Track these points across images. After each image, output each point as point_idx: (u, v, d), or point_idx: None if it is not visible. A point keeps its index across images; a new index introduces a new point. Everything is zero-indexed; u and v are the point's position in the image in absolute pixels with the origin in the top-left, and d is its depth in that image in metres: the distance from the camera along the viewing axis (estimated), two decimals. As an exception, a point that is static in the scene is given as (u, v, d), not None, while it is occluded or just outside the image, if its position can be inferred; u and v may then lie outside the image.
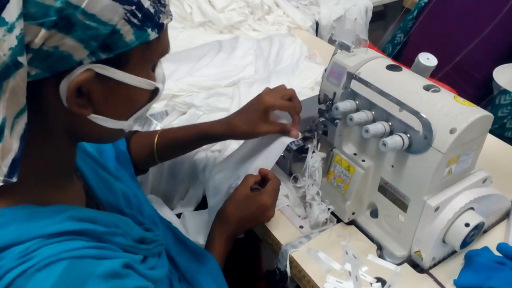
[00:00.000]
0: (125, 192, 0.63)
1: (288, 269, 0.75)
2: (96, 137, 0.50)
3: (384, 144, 0.64)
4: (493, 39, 1.50)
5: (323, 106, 0.81)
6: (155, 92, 0.51)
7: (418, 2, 1.74)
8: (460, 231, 0.67)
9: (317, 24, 1.74)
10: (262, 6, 1.56)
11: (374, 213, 0.78)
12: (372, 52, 0.76)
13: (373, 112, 0.70)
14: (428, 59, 0.81)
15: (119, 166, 0.74)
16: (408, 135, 0.65)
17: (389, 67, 0.73)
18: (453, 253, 0.74)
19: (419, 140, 0.64)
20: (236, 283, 0.80)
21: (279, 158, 0.81)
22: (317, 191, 0.79)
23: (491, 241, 0.74)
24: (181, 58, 1.23)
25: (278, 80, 1.14)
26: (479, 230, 0.70)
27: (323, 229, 0.79)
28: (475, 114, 0.63)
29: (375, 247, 0.76)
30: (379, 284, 0.69)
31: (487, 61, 1.49)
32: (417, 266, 0.73)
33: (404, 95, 0.67)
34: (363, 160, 0.74)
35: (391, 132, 0.68)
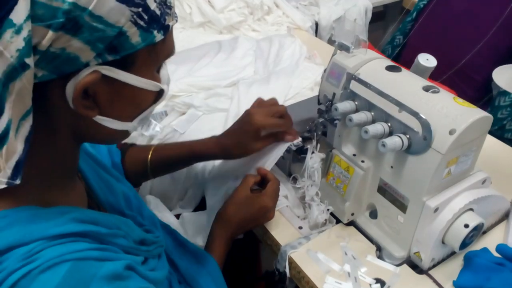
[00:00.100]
0: (126, 193, 0.63)
1: (287, 270, 0.75)
2: (101, 138, 0.50)
3: (384, 145, 0.64)
4: (493, 41, 1.50)
5: (323, 107, 0.81)
6: (160, 94, 0.51)
7: (417, 4, 1.74)
8: (460, 232, 0.67)
9: (317, 25, 1.74)
10: (262, 7, 1.56)
11: (373, 214, 0.78)
12: (372, 53, 0.76)
13: (373, 113, 0.70)
14: (428, 60, 0.81)
15: None
16: (408, 136, 0.65)
17: (389, 68, 0.73)
18: (452, 254, 0.74)
19: (419, 141, 0.64)
20: (236, 284, 0.80)
21: (279, 159, 0.81)
22: (316, 192, 0.79)
23: (491, 242, 0.74)
24: (181, 59, 1.23)
25: (278, 81, 1.14)
26: (479, 231, 0.70)
27: (322, 230, 0.79)
28: (475, 115, 0.63)
29: (374, 248, 0.76)
30: (378, 285, 0.69)
31: (487, 63, 1.49)
32: (416, 267, 0.73)
33: (404, 96, 0.67)
34: (363, 161, 0.74)
35: (391, 133, 0.68)
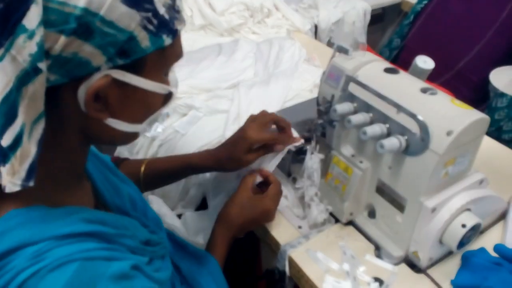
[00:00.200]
0: (131, 195, 0.64)
1: (287, 269, 0.75)
2: (111, 140, 0.51)
3: (382, 146, 0.65)
4: (491, 43, 1.50)
5: (322, 108, 0.82)
6: (169, 96, 0.52)
7: (415, 7, 1.75)
8: (457, 232, 0.68)
9: (316, 27, 1.75)
10: (262, 9, 1.57)
11: (372, 214, 0.79)
12: (370, 55, 0.77)
13: (371, 114, 0.71)
14: (425, 62, 0.81)
15: None
16: (405, 137, 0.66)
17: (387, 70, 0.74)
18: (450, 254, 0.75)
19: (416, 142, 0.65)
20: (236, 283, 0.81)
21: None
22: (316, 192, 0.80)
23: (488, 242, 0.75)
24: (182, 61, 1.22)
25: (277, 83, 1.15)
26: (476, 231, 0.70)
27: (322, 230, 0.80)
28: (472, 117, 0.64)
29: (373, 248, 0.76)
30: (377, 284, 0.70)
31: (484, 64, 1.50)
32: (415, 266, 0.73)
33: (402, 98, 0.67)
34: (361, 162, 0.75)
35: (389, 134, 0.68)
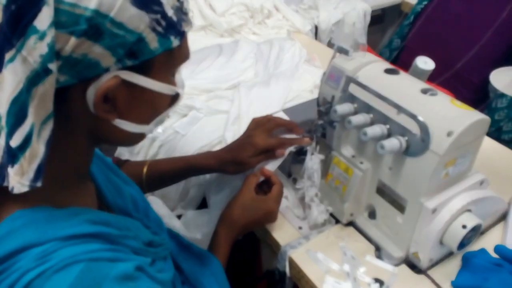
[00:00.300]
0: (133, 196, 0.64)
1: (287, 270, 0.75)
2: (118, 141, 0.51)
3: (382, 147, 0.65)
4: (491, 44, 1.51)
5: (322, 109, 0.82)
6: (176, 97, 0.52)
7: (415, 7, 1.75)
8: (457, 233, 0.68)
9: (316, 28, 1.75)
10: (262, 10, 1.57)
11: (372, 215, 0.79)
12: (370, 56, 0.77)
13: (371, 115, 0.71)
14: (426, 63, 0.81)
15: None
16: (406, 138, 0.66)
17: (387, 71, 0.74)
18: (451, 254, 0.75)
19: (417, 143, 0.65)
20: (237, 284, 0.81)
21: (279, 160, 0.82)
22: (316, 193, 0.80)
23: (488, 243, 0.75)
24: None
25: (278, 83, 1.15)
26: (476, 232, 0.70)
27: (322, 230, 0.80)
28: (472, 118, 0.64)
29: (373, 248, 0.76)
30: (377, 285, 0.70)
31: (484, 65, 1.50)
32: (415, 267, 0.73)
33: (402, 99, 0.67)
34: (361, 162, 0.75)
35: (389, 135, 0.68)
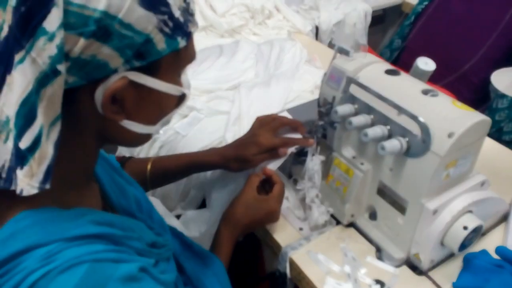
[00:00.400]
0: (137, 197, 0.64)
1: (288, 271, 0.75)
2: (125, 142, 0.51)
3: (383, 148, 0.65)
4: (492, 44, 1.51)
5: (323, 110, 0.82)
6: (182, 98, 0.52)
7: (415, 8, 1.75)
8: (458, 234, 0.68)
9: (317, 29, 1.75)
10: (263, 11, 1.57)
11: (373, 216, 0.78)
12: (371, 57, 0.77)
13: (372, 116, 0.71)
14: (427, 64, 0.81)
15: None
16: (407, 139, 0.66)
17: (388, 72, 0.74)
18: (452, 256, 0.75)
19: (418, 144, 0.65)
20: (240, 285, 0.80)
21: (279, 161, 0.82)
22: (317, 194, 0.80)
23: (490, 244, 0.75)
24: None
25: (278, 84, 1.15)
26: (477, 233, 0.70)
27: (323, 231, 0.80)
28: (473, 119, 0.64)
29: (374, 250, 0.76)
30: (378, 286, 0.70)
31: (485, 66, 1.50)
32: (416, 268, 0.73)
33: (403, 99, 0.67)
34: (362, 163, 0.75)
35: (390, 136, 0.68)
